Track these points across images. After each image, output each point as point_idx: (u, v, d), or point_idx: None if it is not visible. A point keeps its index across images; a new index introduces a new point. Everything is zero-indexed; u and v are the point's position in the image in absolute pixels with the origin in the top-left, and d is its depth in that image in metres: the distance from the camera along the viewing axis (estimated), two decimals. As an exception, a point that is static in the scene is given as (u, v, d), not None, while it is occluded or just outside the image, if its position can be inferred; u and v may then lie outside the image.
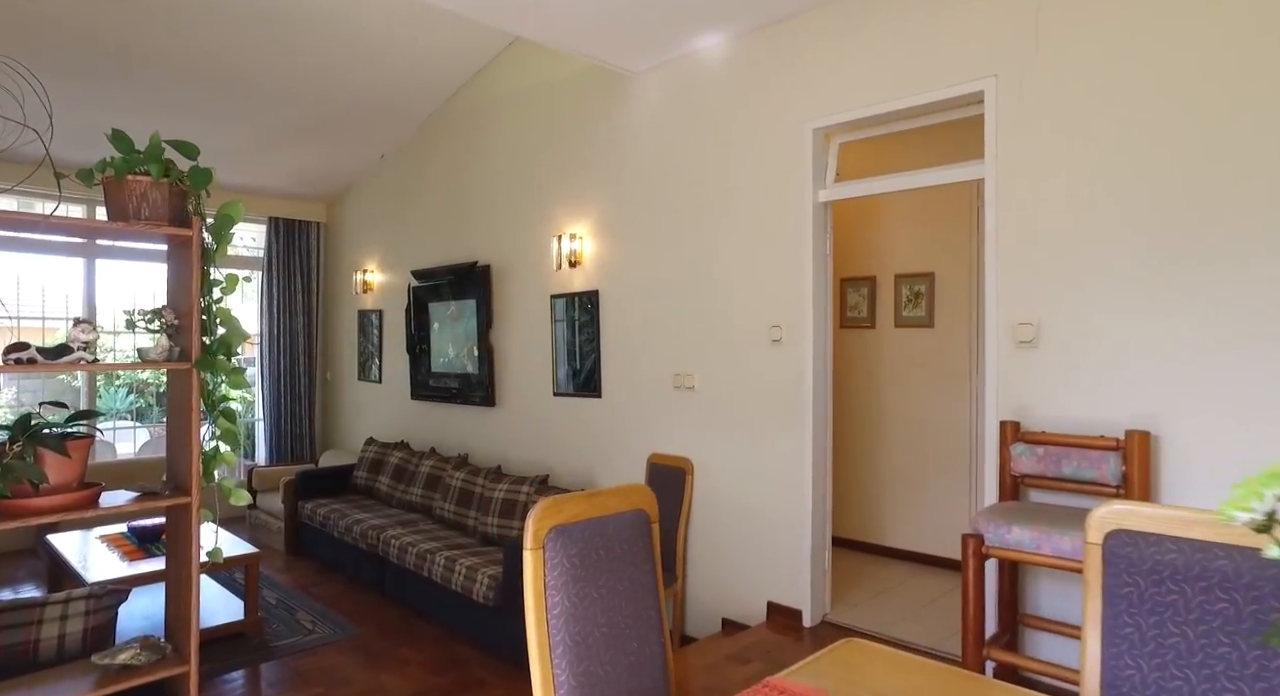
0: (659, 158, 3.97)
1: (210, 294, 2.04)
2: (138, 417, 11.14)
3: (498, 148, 5.05)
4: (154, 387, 11.25)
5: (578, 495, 1.46)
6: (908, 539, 4.36)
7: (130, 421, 10.32)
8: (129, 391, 11.37)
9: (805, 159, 3.36)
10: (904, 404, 4.39)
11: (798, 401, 3.38)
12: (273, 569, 5.20)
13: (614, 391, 4.24)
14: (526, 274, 4.79)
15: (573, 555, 1.35)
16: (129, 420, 10.57)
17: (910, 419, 4.37)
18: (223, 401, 2.11)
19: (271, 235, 6.76)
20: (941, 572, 4.05)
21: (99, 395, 11.44)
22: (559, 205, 4.57)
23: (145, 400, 11.41)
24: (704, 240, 3.75)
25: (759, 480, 3.52)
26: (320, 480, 5.61)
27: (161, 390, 11.54)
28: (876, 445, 4.53)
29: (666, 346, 3.95)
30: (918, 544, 4.31)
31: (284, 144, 5.73)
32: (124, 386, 11.26)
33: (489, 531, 4.31)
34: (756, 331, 3.54)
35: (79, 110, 4.62)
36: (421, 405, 5.79)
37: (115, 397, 11.47)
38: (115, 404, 11.27)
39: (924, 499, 4.29)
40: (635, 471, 4.11)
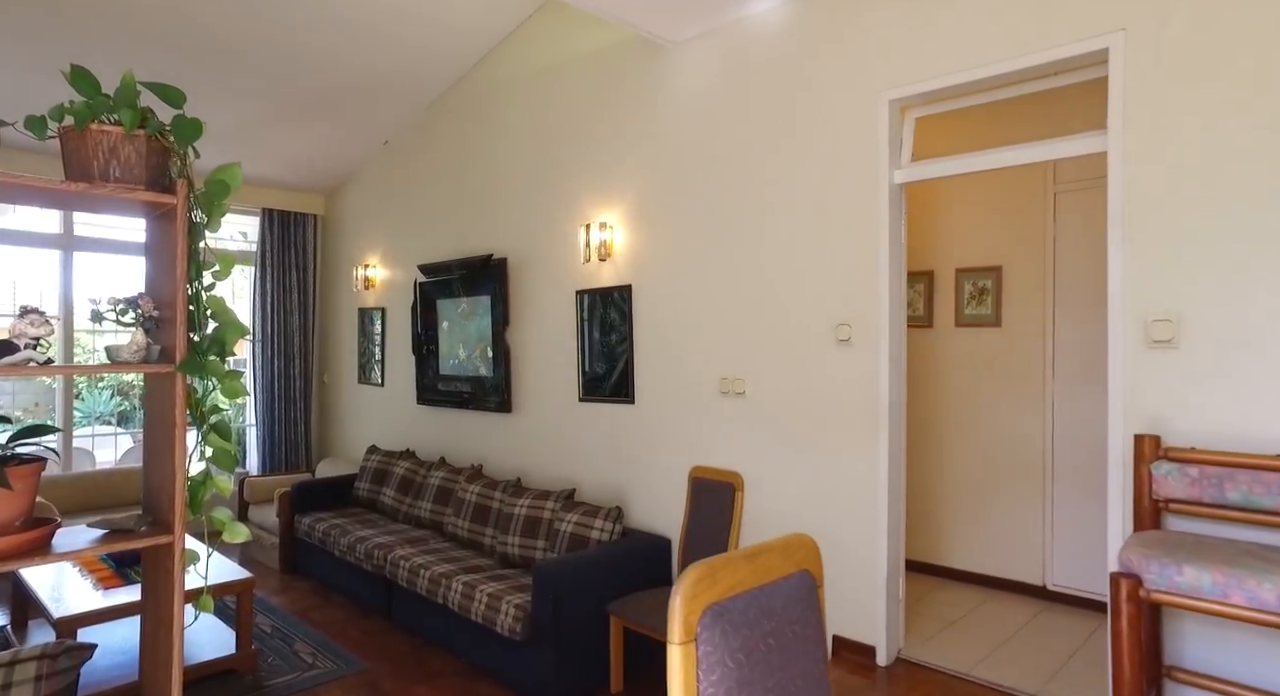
0: (702, 138, 3.57)
1: (200, 279, 1.62)
2: (121, 421, 10.64)
3: (515, 131, 4.63)
4: (139, 390, 10.74)
5: (735, 556, 1.04)
6: (971, 560, 3.97)
7: (112, 427, 9.83)
8: (113, 394, 10.85)
9: (880, 135, 2.96)
10: (966, 411, 4.00)
11: (870, 409, 2.98)
12: (267, 590, 4.75)
13: (649, 397, 3.82)
14: (548, 267, 4.38)
15: (735, 648, 0.93)
16: (111, 424, 10.08)
17: (974, 428, 3.98)
18: (215, 413, 1.68)
19: (265, 228, 6.31)
20: (1011, 598, 3.66)
21: (80, 397, 10.92)
22: (586, 192, 4.15)
23: (130, 402, 10.90)
24: (757, 228, 3.35)
25: (822, 498, 3.12)
26: (318, 492, 5.16)
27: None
28: (935, 456, 4.13)
29: (712, 347, 3.54)
30: (983, 565, 3.92)
31: (278, 128, 5.29)
32: (108, 388, 10.75)
33: (509, 552, 3.88)
34: (820, 331, 3.13)
35: (36, 78, 4.18)
36: (428, 411, 5.36)
37: (98, 400, 10.93)
38: (98, 407, 10.73)
39: (989, 516, 3.90)
40: (674, 486, 3.70)
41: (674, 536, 3.69)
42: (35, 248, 5.64)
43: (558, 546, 3.65)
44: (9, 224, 7.02)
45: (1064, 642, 3.15)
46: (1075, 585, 3.58)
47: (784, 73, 3.25)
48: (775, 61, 3.29)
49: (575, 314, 4.18)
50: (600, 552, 3.44)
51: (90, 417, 10.37)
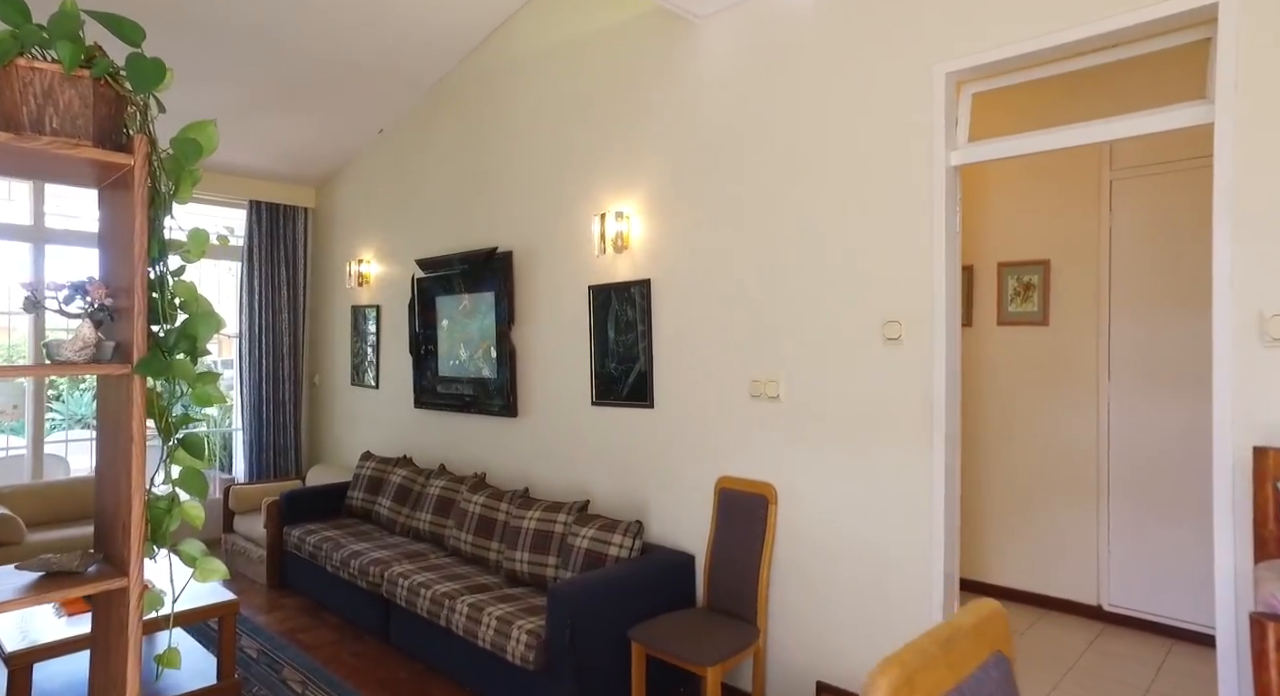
0: (730, 119, 3.27)
1: (164, 260, 1.31)
2: (104, 424, 10.20)
3: (521, 115, 4.32)
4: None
5: (928, 649, 0.73)
6: (1017, 576, 3.68)
7: (89, 431, 9.42)
8: (94, 395, 10.41)
9: (934, 113, 2.67)
10: (1010, 416, 3.72)
11: (923, 414, 2.68)
12: (253, 607, 4.42)
13: (670, 400, 3.52)
14: (558, 261, 4.06)
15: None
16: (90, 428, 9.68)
17: (1018, 433, 3.69)
18: (185, 424, 1.37)
19: (252, 221, 5.97)
20: (1064, 619, 3.38)
21: (60, 398, 10.49)
22: (600, 179, 3.84)
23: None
24: (793, 217, 3.05)
25: (867, 511, 2.82)
26: (309, 501, 4.83)
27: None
28: (976, 464, 3.85)
29: (740, 347, 3.24)
30: (1030, 582, 3.63)
31: (263, 114, 4.95)
32: (89, 389, 10.32)
33: (517, 569, 3.57)
34: (865, 328, 2.84)
35: None
36: (427, 415, 5.03)
37: (79, 401, 10.49)
38: (78, 408, 10.29)
39: (1037, 529, 3.62)
40: (698, 498, 3.40)
41: (699, 552, 3.39)
42: (4, 240, 5.28)
43: (572, 564, 3.34)
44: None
45: (1134, 672, 2.87)
46: (1136, 606, 3.30)
47: (824, 46, 2.96)
48: (813, 34, 2.99)
49: (588, 311, 3.87)
50: (620, 571, 3.13)
51: (70, 420, 9.95)
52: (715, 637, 2.90)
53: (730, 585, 3.17)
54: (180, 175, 1.35)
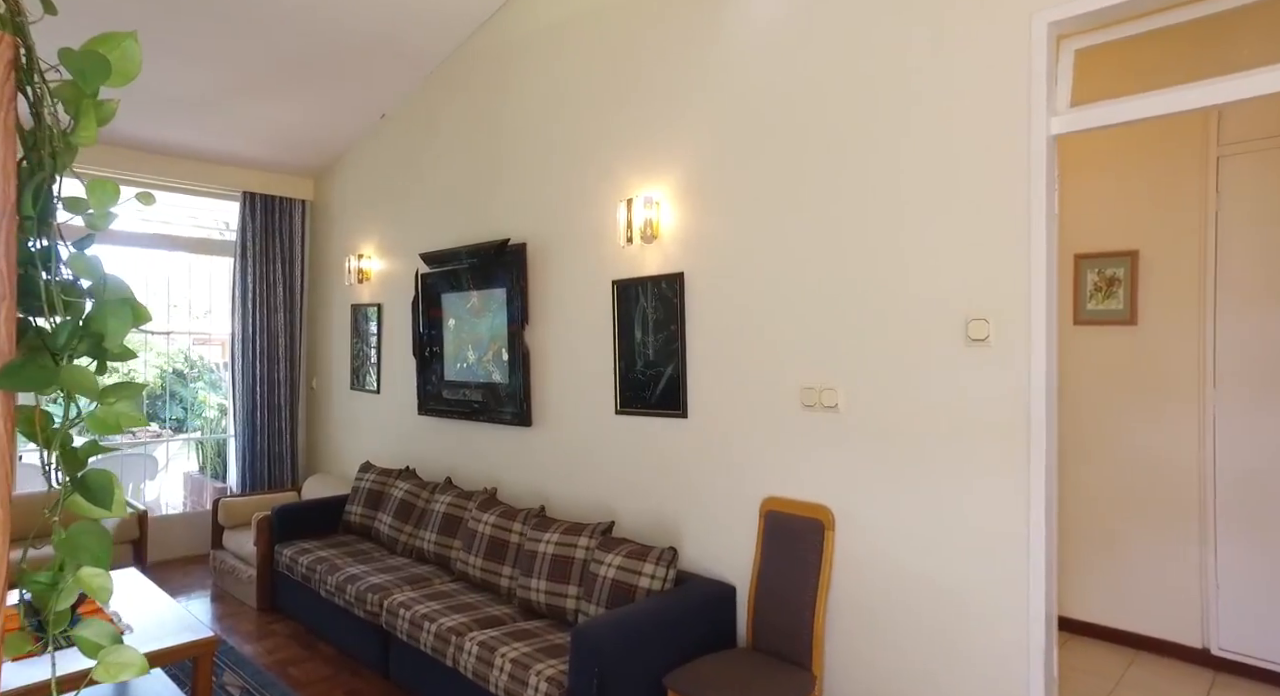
0: (778, 87, 2.86)
1: (49, 221, 0.91)
2: (101, 427, 9.86)
3: (536, 93, 3.92)
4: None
5: None
6: (1103, 612, 3.25)
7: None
8: (95, 398, 10.06)
9: (1032, 72, 2.25)
10: (1090, 429, 3.29)
11: (1016, 428, 2.27)
12: (240, 634, 4.02)
13: (706, 409, 3.11)
14: (577, 253, 3.66)
15: None
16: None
17: (1101, 449, 3.26)
18: (89, 457, 0.97)
19: (246, 215, 5.58)
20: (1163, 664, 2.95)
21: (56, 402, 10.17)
22: (626, 162, 3.44)
23: (113, 407, 10.12)
24: (855, 199, 2.64)
25: (945, 541, 2.41)
26: (303, 517, 4.43)
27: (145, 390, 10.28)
28: (1046, 481, 3.42)
29: (791, 349, 2.83)
30: (1120, 619, 3.20)
31: (256, 96, 4.56)
32: (89, 392, 9.96)
33: (533, 599, 3.16)
34: (944, 328, 2.42)
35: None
36: (432, 422, 4.63)
37: (79, 405, 10.16)
38: (77, 412, 9.96)
39: (1125, 559, 3.19)
40: (740, 520, 2.98)
41: (741, 583, 2.97)
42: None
43: (596, 596, 2.93)
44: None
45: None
46: (1254, 652, 2.86)
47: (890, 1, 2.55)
48: (881, -15, 2.58)
49: (611, 308, 3.46)
50: (653, 607, 2.72)
51: None
52: (765, 686, 2.49)
53: (779, 623, 2.76)
54: (80, 106, 0.94)
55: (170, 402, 9.08)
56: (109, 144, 4.93)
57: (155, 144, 5.03)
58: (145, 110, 4.56)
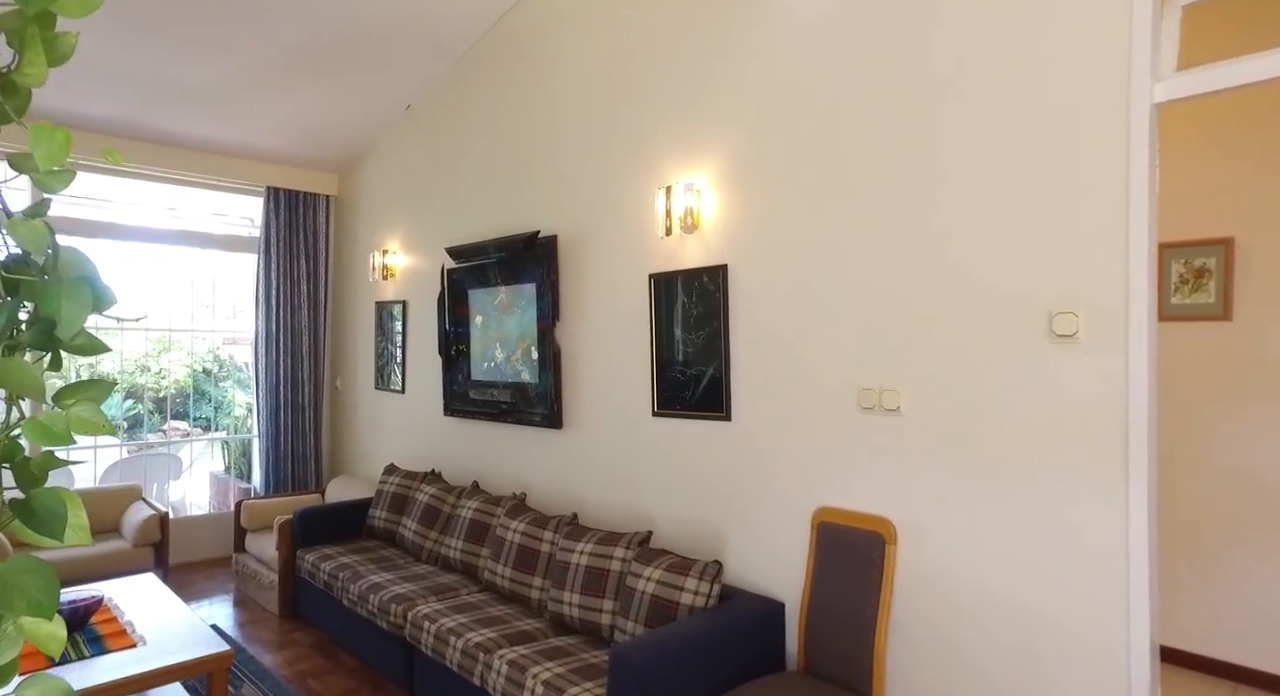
0: (829, 63, 2.62)
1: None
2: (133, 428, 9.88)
3: (567, 79, 3.72)
4: (153, 392, 9.99)
5: None
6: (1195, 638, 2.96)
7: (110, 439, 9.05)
8: (126, 396, 10.10)
9: (1134, 32, 2.00)
10: (1178, 435, 3.00)
11: (1111, 435, 2.01)
12: (261, 642, 3.88)
13: (752, 412, 2.88)
14: (613, 245, 3.45)
15: None
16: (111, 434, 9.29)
17: (1184, 459, 2.98)
18: (45, 471, 0.78)
19: (270, 210, 5.46)
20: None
21: (93, 400, 10.19)
22: (664, 147, 3.22)
23: (144, 406, 10.16)
24: (922, 180, 2.39)
25: (1029, 559, 2.16)
26: (325, 521, 4.28)
27: (162, 394, 10.25)
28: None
29: (847, 347, 2.59)
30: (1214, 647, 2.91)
31: (281, 86, 4.42)
32: (122, 391, 9.99)
33: (566, 613, 2.96)
34: (1024, 323, 2.17)
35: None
36: (458, 424, 4.45)
37: (110, 403, 10.19)
38: (110, 410, 9.99)
39: (1221, 580, 2.90)
40: (789, 531, 2.75)
41: (790, 600, 2.74)
42: None
43: (634, 612, 2.72)
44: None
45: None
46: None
47: (966, -43, 2.30)
48: (951, -57, 2.33)
49: (648, 303, 3.25)
50: (697, 627, 2.50)
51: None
52: (824, 719, 2.25)
53: (835, 645, 2.52)
54: (25, 37, 0.75)
55: (200, 402, 9.05)
56: (130, 137, 4.83)
57: (176, 137, 4.92)
58: (165, 101, 4.44)
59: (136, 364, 9.94)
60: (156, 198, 5.92)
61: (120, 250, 5.64)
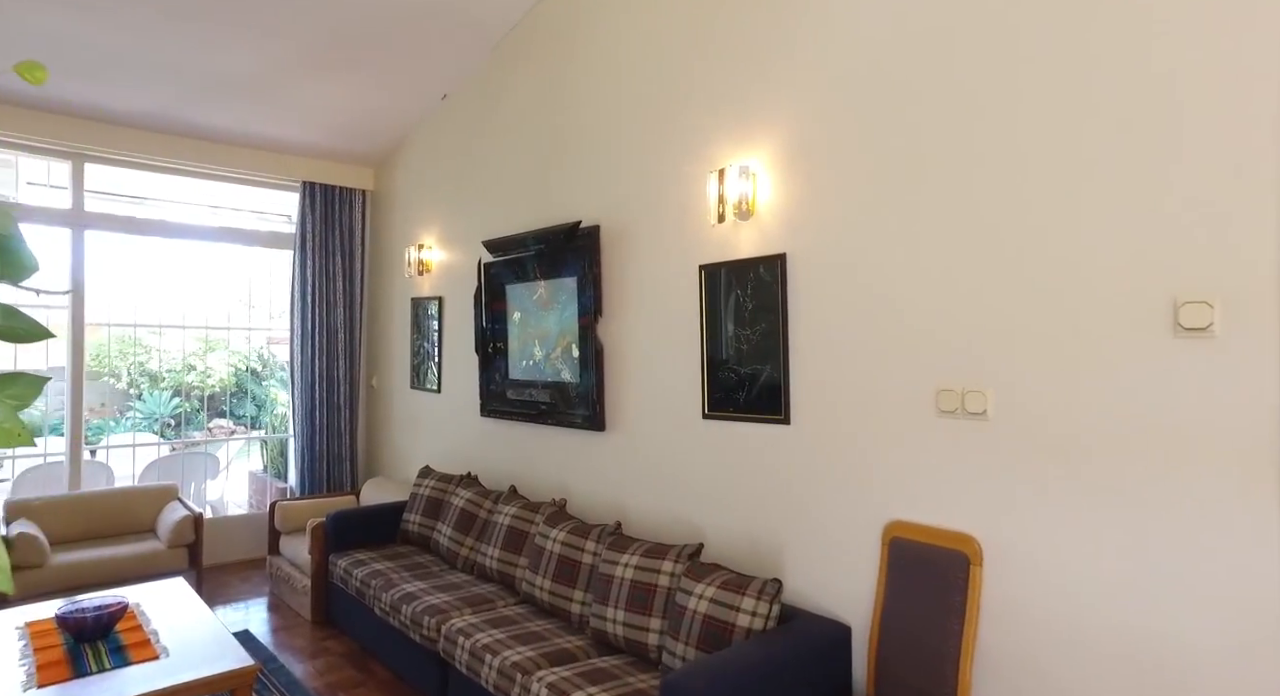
0: (905, 27, 2.35)
1: None
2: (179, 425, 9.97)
3: (610, 59, 3.50)
4: (203, 389, 10.07)
5: None
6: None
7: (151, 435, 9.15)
8: (174, 394, 10.20)
9: (1278, -30, 1.69)
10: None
11: (1260, 449, 1.71)
12: (292, 649, 3.74)
13: (813, 414, 2.62)
14: (659, 234, 3.22)
15: None
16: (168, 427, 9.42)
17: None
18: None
19: (306, 206, 5.36)
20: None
21: (141, 397, 10.36)
22: (715, 127, 2.98)
23: (190, 404, 10.25)
24: (1014, 153, 2.11)
25: (1153, 586, 1.86)
26: (358, 525, 4.13)
27: (209, 393, 10.34)
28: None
29: (922, 344, 2.32)
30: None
31: (314, 75, 4.29)
32: (169, 389, 10.12)
33: (609, 630, 2.74)
34: (1142, 314, 1.88)
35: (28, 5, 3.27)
36: (495, 425, 4.27)
37: (158, 401, 10.33)
38: (157, 408, 10.12)
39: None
40: (856, 546, 2.49)
41: (857, 623, 2.48)
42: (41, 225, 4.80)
43: (684, 632, 2.48)
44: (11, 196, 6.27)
45: None
46: None
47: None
48: (1050, -117, 2.05)
49: (698, 297, 3.01)
50: (757, 654, 2.25)
51: (151, 420, 9.77)
52: (903, 763, 1.99)
53: (911, 676, 2.25)
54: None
55: (244, 401, 9.07)
56: (168, 131, 4.76)
57: (213, 131, 4.83)
58: (200, 94, 4.34)
59: (183, 362, 10.05)
60: (199, 195, 5.88)
61: (168, 247, 5.61)
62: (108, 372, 9.99)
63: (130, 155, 4.75)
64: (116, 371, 10.23)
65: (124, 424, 9.96)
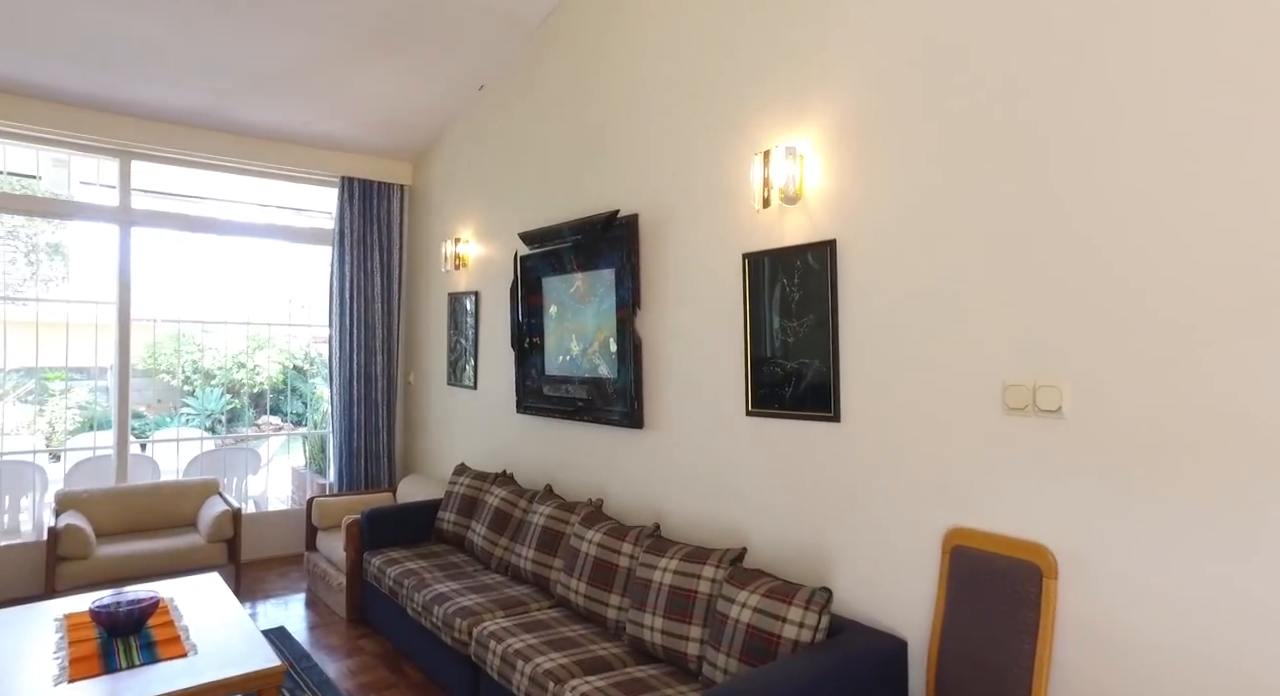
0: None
1: None
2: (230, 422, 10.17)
3: (649, 41, 3.36)
4: (252, 386, 10.27)
5: None
6: None
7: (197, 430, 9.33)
8: (225, 391, 10.42)
9: None
10: None
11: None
12: (326, 648, 3.69)
13: (866, 412, 2.44)
14: (699, 222, 3.07)
15: None
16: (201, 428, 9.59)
17: None
18: None
19: (344, 201, 5.34)
20: None
21: (194, 394, 10.61)
22: (760, 107, 2.82)
23: (239, 401, 10.45)
24: (1095, 121, 1.90)
25: (1266, 617, 1.64)
26: (393, 522, 4.07)
27: (257, 390, 10.53)
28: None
29: (984, 334, 2.12)
30: None
31: (353, 67, 4.25)
32: (220, 386, 10.34)
33: (646, 638, 2.60)
34: (1246, 303, 1.66)
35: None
36: (531, 422, 4.17)
37: (210, 397, 10.56)
38: (209, 404, 10.35)
39: None
40: (912, 554, 2.30)
41: (914, 637, 2.29)
42: (90, 222, 4.87)
43: (727, 643, 2.33)
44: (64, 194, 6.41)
45: None
46: None
47: None
48: None
49: (741, 288, 2.85)
50: (805, 669, 2.08)
51: (203, 416, 10.00)
52: (969, 796, 1.80)
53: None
54: None
55: (292, 398, 9.21)
56: (211, 128, 4.78)
57: (253, 127, 4.84)
58: (240, 89, 4.34)
59: (233, 360, 10.25)
60: (241, 191, 5.94)
61: (214, 244, 5.68)
62: (164, 370, 10.23)
63: (175, 152, 4.79)
64: (171, 369, 10.46)
65: (178, 419, 10.19)
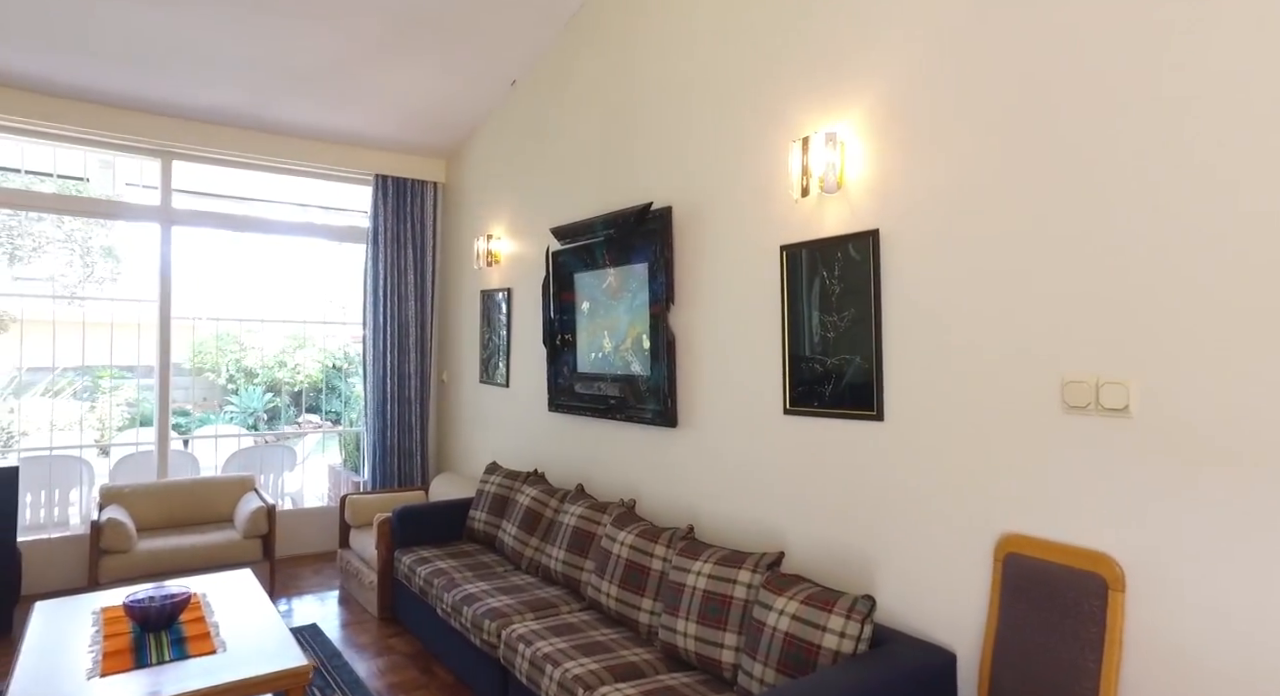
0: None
1: None
2: (270, 420, 10.35)
3: (683, 29, 3.27)
4: (289, 387, 10.44)
5: None
6: None
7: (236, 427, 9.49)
8: (267, 390, 10.61)
9: None
10: None
11: None
12: (357, 646, 3.66)
13: (910, 410, 2.31)
14: (736, 214, 2.97)
15: None
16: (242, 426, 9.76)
17: None
18: None
19: (378, 199, 5.35)
20: None
21: (237, 392, 10.83)
22: (798, 92, 2.70)
23: (282, 400, 10.63)
24: (1162, 108, 1.76)
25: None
26: (424, 521, 4.03)
27: (298, 389, 10.69)
28: None
29: (1040, 327, 1.98)
30: None
31: (386, 64, 4.23)
32: (262, 384, 10.53)
33: (679, 644, 2.50)
34: (1344, 284, 1.50)
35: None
36: (563, 420, 4.10)
37: (252, 396, 10.77)
38: (251, 402, 10.56)
39: None
40: (966, 563, 2.16)
41: (964, 650, 2.16)
42: (132, 221, 4.95)
43: (763, 652, 2.22)
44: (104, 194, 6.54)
45: None
46: None
47: None
48: None
49: (779, 280, 2.74)
50: (847, 681, 1.97)
51: (246, 414, 10.20)
52: None
53: (1032, 718, 1.92)
54: None
55: (331, 396, 9.32)
56: (241, 126, 4.82)
57: (289, 126, 4.87)
58: (275, 87, 4.35)
59: (275, 359, 10.43)
60: (277, 190, 6.00)
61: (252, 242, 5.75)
62: (209, 368, 10.45)
63: (214, 151, 4.84)
64: (216, 367, 10.68)
65: (222, 417, 10.39)
